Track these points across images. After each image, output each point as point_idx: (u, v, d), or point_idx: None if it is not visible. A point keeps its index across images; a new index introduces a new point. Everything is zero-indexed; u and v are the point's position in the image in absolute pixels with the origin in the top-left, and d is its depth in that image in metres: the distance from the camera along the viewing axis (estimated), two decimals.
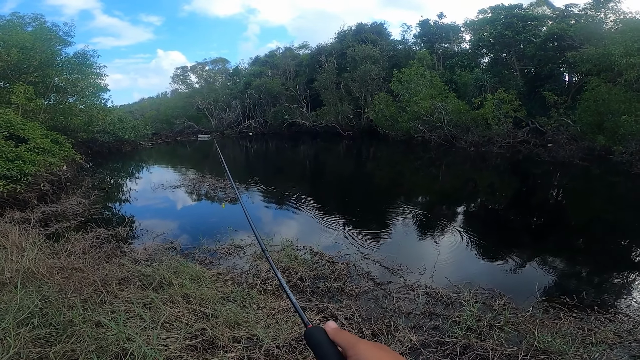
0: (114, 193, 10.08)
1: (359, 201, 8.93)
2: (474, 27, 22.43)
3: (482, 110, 16.22)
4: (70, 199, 7.54)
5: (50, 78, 14.57)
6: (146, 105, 44.52)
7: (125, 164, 16.67)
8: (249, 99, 29.86)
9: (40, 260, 3.31)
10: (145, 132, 22.68)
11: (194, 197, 9.13)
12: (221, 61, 38.11)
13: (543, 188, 10.61)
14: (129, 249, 4.50)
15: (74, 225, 5.76)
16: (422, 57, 21.61)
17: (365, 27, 26.96)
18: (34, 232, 4.86)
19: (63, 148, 10.92)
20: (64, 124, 14.47)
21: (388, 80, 22.16)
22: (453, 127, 17.05)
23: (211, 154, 20.58)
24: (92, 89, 16.62)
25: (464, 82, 19.72)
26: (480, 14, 22.19)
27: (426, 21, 25.12)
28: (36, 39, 13.68)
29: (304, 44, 33.48)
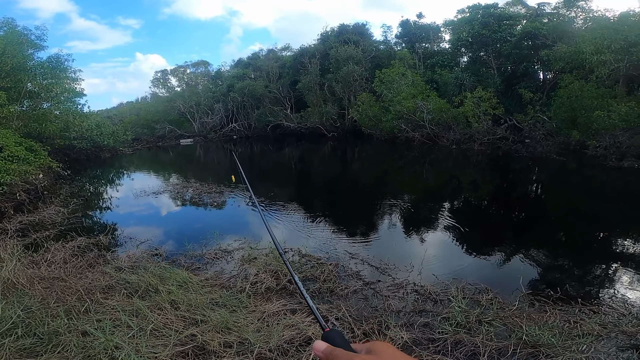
0: (94, 201, 9.77)
1: (345, 202, 8.99)
2: (453, 26, 22.97)
3: (463, 109, 16.62)
4: (48, 208, 7.26)
5: (23, 83, 13.99)
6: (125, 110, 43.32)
7: (105, 171, 16.18)
8: (232, 101, 29.53)
9: (20, 271, 3.17)
10: (125, 137, 22.00)
11: (178, 203, 8.95)
12: (203, 64, 37.56)
13: (523, 183, 10.96)
14: (112, 257, 4.36)
15: (53, 234, 5.55)
16: (403, 57, 21.96)
17: (348, 28, 27.16)
18: (12, 242, 4.65)
19: (38, 156, 10.51)
20: (38, 131, 13.91)
21: (371, 80, 22.39)
22: (435, 125, 17.40)
23: (195, 159, 20.24)
24: (68, 94, 16.05)
25: (444, 81, 20.14)
26: (459, 14, 22.67)
27: (406, 21, 25.53)
28: (7, 44, 13.14)
29: (287, 46, 33.45)
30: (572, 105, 13.51)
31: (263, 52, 34.48)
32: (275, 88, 28.66)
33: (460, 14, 22.46)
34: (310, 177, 13.78)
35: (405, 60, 21.72)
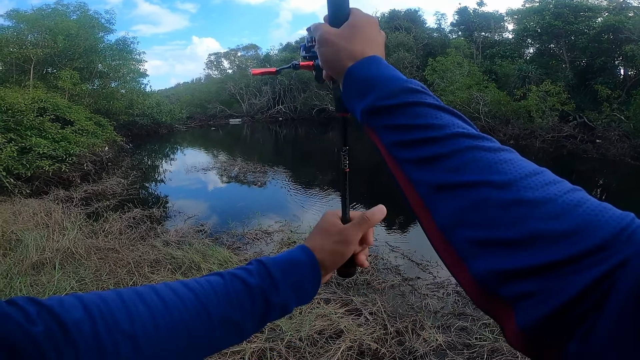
0: (150, 174, 10.56)
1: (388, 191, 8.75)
2: (518, 16, 21.14)
3: (525, 102, 15.23)
4: (111, 179, 7.97)
5: (94, 64, 15.35)
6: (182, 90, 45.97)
7: (162, 146, 17.39)
8: (279, 84, 29.96)
9: (79, 240, 3.51)
10: (181, 115, 23.48)
11: (224, 180, 9.37)
12: (253, 47, 38.46)
13: (587, 185, 9.83)
14: (161, 230, 4.69)
15: (112, 204, 6.09)
16: (459, 46, 20.62)
17: (399, 14, 26.05)
18: (76, 210, 5.19)
19: (105, 130, 11.55)
20: (106, 108, 15.28)
21: (422, 68, 21.34)
22: (491, 118, 16.18)
23: (241, 138, 20.97)
24: (133, 75, 17.42)
25: (504, 73, 18.59)
26: (526, 3, 20.77)
27: (464, 9, 23.90)
28: (80, 27, 14.40)
29: None
30: None
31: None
32: None
33: (528, 3, 20.56)
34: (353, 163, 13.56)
35: (461, 49, 20.36)
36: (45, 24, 13.82)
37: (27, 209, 4.92)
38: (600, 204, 0.29)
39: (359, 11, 0.48)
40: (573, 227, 0.26)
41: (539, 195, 0.28)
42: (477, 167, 0.32)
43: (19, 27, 13.89)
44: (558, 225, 0.26)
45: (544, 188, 0.29)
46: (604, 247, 0.24)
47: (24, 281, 2.69)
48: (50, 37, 13.58)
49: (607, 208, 0.28)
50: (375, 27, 0.48)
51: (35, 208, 4.97)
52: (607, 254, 0.24)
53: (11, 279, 2.77)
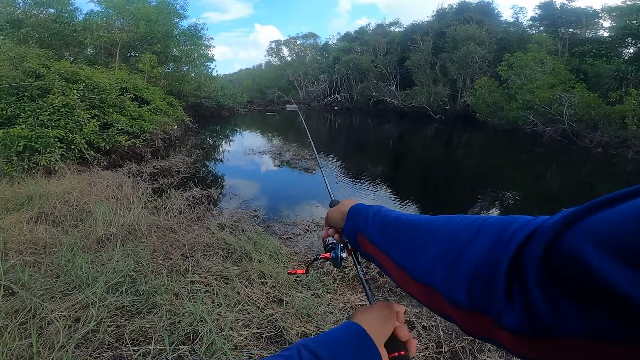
0: (211, 153, 11.11)
1: (440, 190, 8.21)
2: (617, 13, 18.60)
3: (621, 107, 13.15)
4: (176, 156, 8.50)
5: (170, 49, 16.51)
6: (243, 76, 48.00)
7: (223, 127, 18.27)
8: (336, 73, 29.68)
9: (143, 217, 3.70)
10: (242, 99, 24.55)
11: (277, 164, 9.52)
12: (312, 36, 38.65)
13: None
14: (217, 212, 4.81)
15: (175, 182, 6.45)
16: (541, 42, 18.37)
17: (470, 6, 24.07)
18: (144, 185, 5.56)
19: (176, 110, 12.41)
20: (178, 89, 16.43)
21: (494, 64, 19.58)
22: (576, 122, 14.23)
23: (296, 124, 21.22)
24: (202, 59, 18.45)
25: (596, 73, 16.27)
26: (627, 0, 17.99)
27: (550, 3, 21.42)
28: (159, 13, 15.48)
29: (396, 21, 32.05)
30: None
31: (371, 26, 33.63)
32: (381, 63, 27.58)
33: (630, 0, 17.81)
34: (405, 157, 13.00)
35: (544, 45, 18.15)
36: (130, 10, 15.08)
37: (102, 180, 5.39)
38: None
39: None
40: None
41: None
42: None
43: (108, 13, 15.32)
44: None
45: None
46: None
47: (86, 258, 2.83)
48: (134, 22, 14.80)
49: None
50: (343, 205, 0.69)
51: (109, 180, 5.43)
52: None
53: (75, 254, 2.93)
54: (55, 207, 4.10)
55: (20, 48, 8.67)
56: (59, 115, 6.73)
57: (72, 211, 4.03)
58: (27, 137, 5.93)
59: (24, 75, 7.10)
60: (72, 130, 6.76)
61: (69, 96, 6.98)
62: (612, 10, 19.33)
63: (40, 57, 8.21)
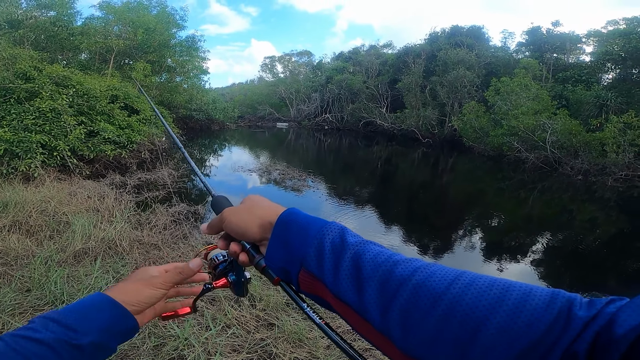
0: (199, 168, 10.84)
1: (425, 212, 8.30)
2: (600, 38, 19.44)
3: (601, 134, 13.67)
4: (163, 169, 8.29)
5: (165, 58, 16.45)
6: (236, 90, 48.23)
7: (212, 142, 18.14)
8: (329, 92, 30.16)
9: (125, 232, 3.52)
10: (233, 114, 24.52)
11: (264, 182, 9.46)
12: (306, 54, 39.36)
13: None
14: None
15: (161, 196, 6.25)
16: (528, 67, 19.14)
17: (461, 30, 25.04)
18: (127, 198, 5.35)
19: (165, 121, 12.19)
20: (169, 100, 16.29)
21: (482, 88, 20.23)
22: (558, 149, 14.72)
23: (285, 143, 21.26)
24: (196, 71, 18.44)
25: (577, 99, 16.95)
26: (609, 25, 19.04)
27: (537, 29, 22.49)
28: (158, 22, 15.50)
29: (389, 43, 33.07)
30: None
31: (364, 47, 34.50)
32: (373, 84, 28.21)
33: (611, 25, 18.82)
34: (393, 180, 13.09)
35: (530, 70, 18.91)
36: (129, 17, 15.07)
37: (83, 191, 5.16)
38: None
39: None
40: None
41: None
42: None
43: (108, 19, 15.27)
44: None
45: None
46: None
47: (61, 272, 2.65)
48: (132, 30, 14.76)
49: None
50: (263, 198, 0.55)
51: (90, 191, 5.21)
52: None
53: (49, 267, 2.75)
54: (30, 216, 3.87)
55: (14, 49, 8.49)
56: (44, 120, 6.52)
57: (48, 221, 3.82)
58: (9, 141, 5.69)
59: (14, 76, 6.91)
60: (56, 136, 6.54)
61: (57, 101, 6.80)
62: (595, 35, 20.05)
63: (32, 60, 8.04)
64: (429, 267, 0.37)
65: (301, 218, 0.46)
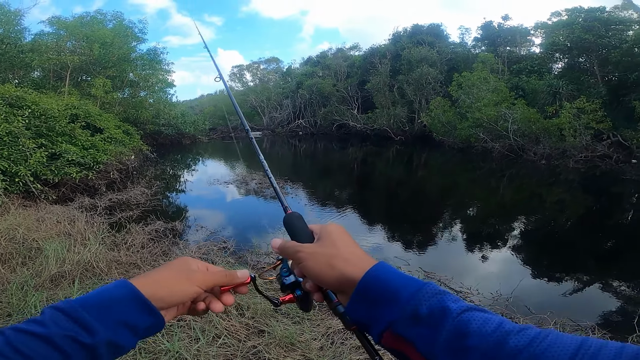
0: (173, 184, 10.63)
1: (404, 208, 8.50)
2: (546, 30, 20.61)
3: (557, 120, 14.59)
4: (135, 189, 8.01)
5: (126, 73, 15.89)
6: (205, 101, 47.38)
7: (184, 156, 17.69)
8: (300, 98, 30.28)
9: (101, 253, 3.40)
10: (204, 127, 23.98)
11: (243, 193, 9.30)
12: (274, 61, 39.32)
13: (622, 209, 9.17)
14: (183, 245, 4.54)
15: (135, 215, 6.04)
16: (485, 60, 20.16)
17: (422, 29, 26.01)
18: (99, 220, 5.14)
19: (133, 139, 11.77)
20: (134, 116, 15.72)
21: (446, 84, 21.08)
22: (520, 137, 15.55)
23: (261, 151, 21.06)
24: (161, 85, 17.94)
25: (532, 89, 18.04)
26: (553, 17, 20.31)
27: (489, 24, 23.77)
28: (115, 36, 14.99)
29: (355, 45, 33.56)
30: None
31: (332, 51, 34.95)
32: (342, 87, 28.63)
33: (555, 17, 20.06)
34: (370, 180, 13.33)
35: (487, 63, 19.93)
36: (83, 32, 14.46)
37: (51, 216, 4.90)
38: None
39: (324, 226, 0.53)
40: None
41: None
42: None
43: (59, 34, 14.57)
44: None
45: None
46: None
47: (40, 296, 2.58)
48: (87, 44, 14.17)
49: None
50: (345, 234, 0.52)
51: (59, 215, 4.95)
52: None
53: (27, 292, 2.67)
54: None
55: None
56: (1, 145, 6.14)
57: (18, 249, 3.66)
58: None
59: None
60: (16, 161, 6.18)
61: (13, 123, 6.41)
62: (542, 27, 21.17)
63: None
64: (546, 337, 0.34)
65: (390, 280, 0.42)
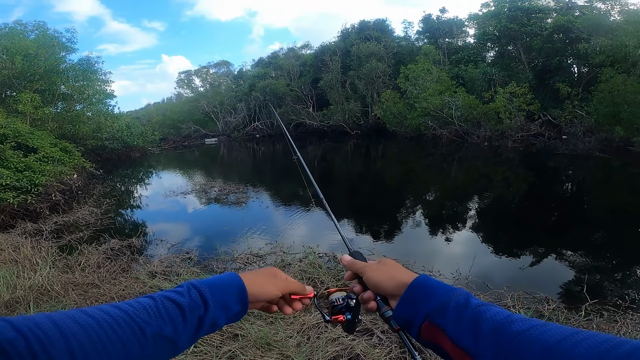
0: (125, 201, 9.99)
1: (370, 201, 8.76)
2: (477, 21, 22.11)
3: (494, 105, 15.90)
4: (82, 209, 7.43)
5: (56, 85, 14.54)
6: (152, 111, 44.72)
7: (135, 170, 16.66)
8: (254, 100, 29.75)
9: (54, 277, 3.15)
10: (153, 137, 22.57)
11: (205, 202, 8.99)
12: (224, 64, 38.14)
13: (560, 181, 10.29)
14: (144, 261, 4.33)
15: (86, 236, 5.63)
16: (428, 53, 21.33)
17: (368, 25, 26.77)
18: (47, 244, 4.72)
19: (73, 156, 10.86)
20: (72, 132, 14.45)
21: (394, 77, 21.95)
22: (464, 122, 16.73)
23: (219, 159, 20.51)
24: (99, 96, 16.60)
25: (470, 77, 19.45)
26: (483, 8, 21.81)
27: (429, 17, 24.98)
28: (40, 46, 13.65)
29: (307, 44, 33.49)
30: (613, 100, 12.57)
31: (283, 50, 34.66)
32: (296, 86, 28.65)
33: (485, 8, 21.56)
34: (332, 175, 13.59)
35: (430, 55, 21.09)
36: (2, 44, 13.02)
37: None
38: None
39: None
40: None
41: None
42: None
43: None
44: None
45: None
46: None
47: None
48: (8, 57, 12.77)
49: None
50: (396, 270, 0.63)
51: (1, 244, 4.49)
52: None
53: None
54: None
55: None
56: None
57: None
58: None
59: None
60: None
61: None
62: (474, 18, 22.58)
63: None
64: (545, 325, 0.42)
65: (431, 283, 0.55)
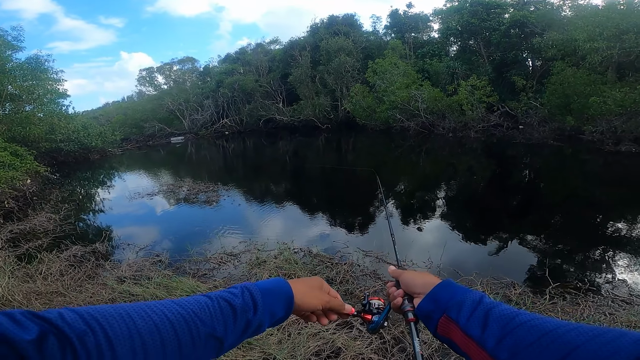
0: (86, 205, 9.42)
1: (343, 195, 8.86)
2: (442, 16, 22.79)
3: (457, 97, 16.57)
4: (39, 215, 6.92)
5: (3, 86, 13.40)
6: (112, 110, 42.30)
7: (95, 173, 15.72)
8: (222, 97, 28.92)
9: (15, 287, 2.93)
10: (114, 138, 21.33)
11: (174, 203, 8.67)
12: (189, 60, 36.70)
13: (519, 169, 10.96)
14: (111, 267, 4.12)
15: (46, 243, 5.26)
16: (395, 47, 21.74)
17: (337, 19, 26.80)
18: (3, 254, 4.37)
19: (25, 160, 10.09)
20: (23, 135, 13.39)
21: (363, 71, 22.21)
22: (430, 114, 17.31)
23: (187, 158, 19.82)
24: (50, 96, 15.47)
25: (435, 71, 20.09)
26: (447, 3, 22.52)
27: (396, 11, 25.42)
28: None
29: (276, 39, 33.06)
30: (564, 91, 13.53)
31: (251, 46, 34.00)
32: (265, 82, 28.21)
33: (449, 3, 22.30)
34: (304, 171, 13.57)
35: (397, 50, 21.52)
36: None
37: None
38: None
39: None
40: None
41: None
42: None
43: None
44: None
45: None
46: None
47: None
48: None
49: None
50: (428, 276, 0.73)
51: None
52: None
53: None
54: None
55: None
56: None
57: None
58: None
59: None
60: None
61: None
62: (438, 13, 23.31)
63: None
64: (547, 318, 0.48)
65: (453, 285, 0.64)
